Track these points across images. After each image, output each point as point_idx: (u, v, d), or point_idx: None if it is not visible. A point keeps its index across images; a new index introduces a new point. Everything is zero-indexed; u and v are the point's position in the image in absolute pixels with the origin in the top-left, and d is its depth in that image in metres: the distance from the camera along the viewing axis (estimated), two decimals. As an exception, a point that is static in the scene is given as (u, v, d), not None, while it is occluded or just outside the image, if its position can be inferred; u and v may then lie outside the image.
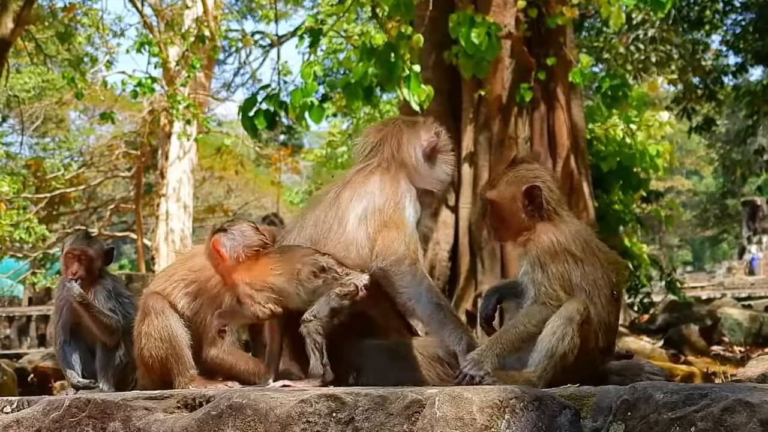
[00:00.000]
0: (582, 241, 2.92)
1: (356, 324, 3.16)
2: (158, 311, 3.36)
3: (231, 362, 3.34)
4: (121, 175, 29.31)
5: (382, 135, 3.43)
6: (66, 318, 3.98)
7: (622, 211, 14.48)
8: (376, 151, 3.40)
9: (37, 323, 22.82)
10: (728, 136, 36.86)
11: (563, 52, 12.49)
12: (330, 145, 24.25)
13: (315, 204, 3.42)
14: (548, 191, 2.98)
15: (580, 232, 2.96)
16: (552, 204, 2.98)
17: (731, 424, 1.97)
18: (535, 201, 2.94)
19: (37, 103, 28.18)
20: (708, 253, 57.19)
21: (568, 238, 2.90)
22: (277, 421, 2.36)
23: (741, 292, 26.16)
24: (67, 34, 19.81)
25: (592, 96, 16.41)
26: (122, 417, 2.63)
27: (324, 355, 3.03)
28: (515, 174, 3.03)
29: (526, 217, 2.95)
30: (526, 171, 3.02)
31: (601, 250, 2.99)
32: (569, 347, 2.74)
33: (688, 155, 49.86)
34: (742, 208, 40.67)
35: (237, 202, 35.00)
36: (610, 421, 2.17)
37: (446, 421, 2.22)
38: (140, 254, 26.75)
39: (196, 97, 21.43)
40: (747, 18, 20.82)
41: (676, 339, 10.98)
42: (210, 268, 3.41)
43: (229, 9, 27.49)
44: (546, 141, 12.72)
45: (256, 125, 9.90)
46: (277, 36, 19.79)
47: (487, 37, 9.35)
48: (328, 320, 3.06)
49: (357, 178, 3.34)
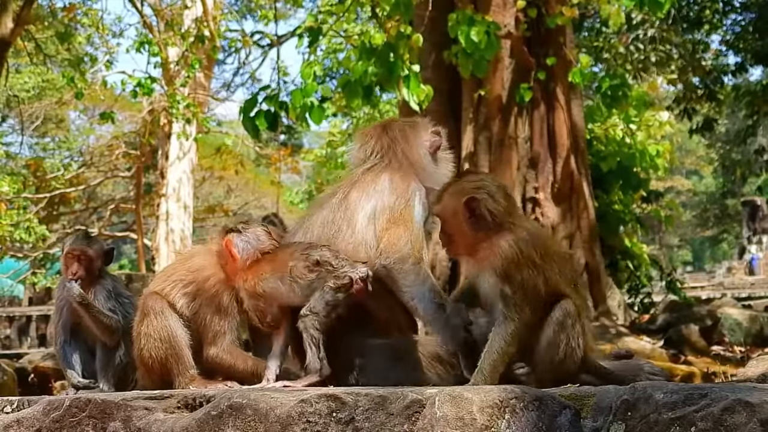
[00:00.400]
0: (541, 246, 2.87)
1: (358, 321, 3.16)
2: (157, 311, 3.36)
3: (231, 362, 3.34)
4: (121, 175, 29.31)
5: (388, 136, 3.44)
6: (66, 318, 3.98)
7: (622, 211, 14.48)
8: (383, 152, 3.41)
9: (38, 323, 22.83)
10: (728, 136, 36.87)
11: (563, 52, 12.50)
12: (330, 145, 24.27)
13: (320, 205, 3.42)
14: (491, 202, 2.88)
15: (537, 237, 2.90)
16: (498, 214, 2.87)
17: (731, 424, 1.97)
18: (475, 213, 2.87)
19: (37, 103, 28.18)
20: (708, 253, 57.21)
21: (528, 245, 2.84)
22: (278, 421, 2.36)
23: (741, 292, 26.17)
24: (67, 34, 19.83)
25: (592, 96, 16.41)
26: (122, 417, 2.63)
27: (321, 350, 3.03)
28: (456, 187, 2.96)
29: (473, 231, 2.88)
30: (467, 183, 2.95)
31: (557, 252, 2.96)
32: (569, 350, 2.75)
33: (688, 155, 49.86)
34: (742, 208, 40.70)
35: (237, 202, 35.01)
36: (610, 421, 2.17)
37: (446, 421, 2.22)
38: (140, 254, 26.75)
39: (195, 97, 21.43)
40: (747, 18, 20.83)
41: (676, 339, 10.97)
42: (209, 268, 3.42)
43: (229, 9, 27.50)
44: (546, 141, 12.73)
45: (257, 126, 9.90)
46: (277, 36, 19.78)
47: (487, 36, 9.35)
48: (324, 315, 3.05)
49: (366, 177, 3.34)
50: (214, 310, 3.36)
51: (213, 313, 3.36)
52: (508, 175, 12.47)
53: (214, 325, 3.36)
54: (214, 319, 3.36)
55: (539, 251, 2.84)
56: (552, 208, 12.60)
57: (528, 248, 2.83)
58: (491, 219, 2.87)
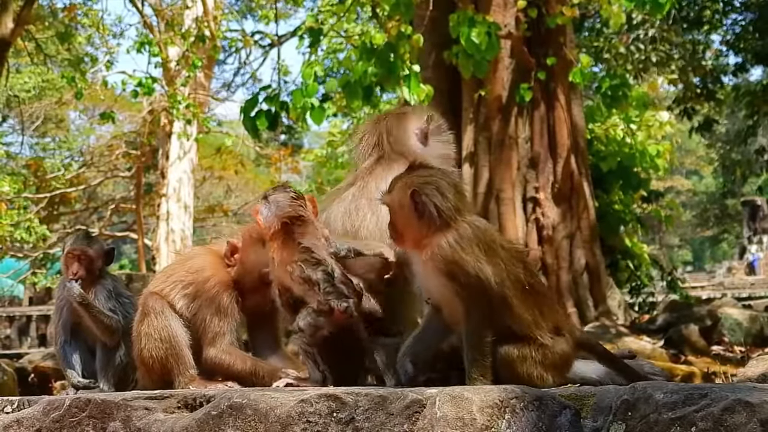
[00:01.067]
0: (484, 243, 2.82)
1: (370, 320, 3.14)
2: (158, 311, 3.36)
3: (230, 362, 3.34)
4: (121, 175, 29.32)
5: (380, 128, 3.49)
6: (66, 318, 3.98)
7: (622, 211, 14.48)
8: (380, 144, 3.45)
9: (38, 323, 22.85)
10: (728, 136, 36.88)
11: (563, 52, 12.50)
12: (330, 145, 24.24)
13: (338, 197, 3.40)
14: (438, 197, 2.84)
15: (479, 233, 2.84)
16: (445, 210, 2.84)
17: (731, 424, 1.97)
18: (418, 207, 2.85)
19: (37, 103, 28.20)
20: (708, 253, 57.23)
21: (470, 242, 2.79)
22: (278, 421, 2.36)
23: (741, 292, 26.17)
24: (67, 34, 19.85)
25: (592, 96, 16.41)
26: (122, 417, 2.63)
27: (319, 364, 3.01)
28: (406, 180, 2.93)
29: (418, 224, 2.86)
30: (417, 177, 2.91)
31: (505, 248, 2.88)
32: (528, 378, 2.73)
33: (688, 155, 49.88)
34: (742, 208, 40.72)
35: (237, 202, 35.00)
36: (611, 421, 2.17)
37: (446, 421, 2.22)
38: (141, 254, 26.77)
39: (196, 97, 21.44)
40: (747, 18, 20.85)
41: (676, 339, 10.97)
42: (209, 269, 3.42)
43: (229, 9, 27.51)
44: (546, 141, 12.73)
45: (258, 126, 9.90)
46: (277, 36, 19.76)
47: (487, 36, 9.36)
48: (309, 335, 3.01)
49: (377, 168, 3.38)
50: (213, 310, 3.36)
51: (213, 313, 3.36)
52: (508, 175, 12.47)
53: (213, 325, 3.35)
54: (214, 320, 3.36)
55: (482, 246, 2.80)
56: (552, 208, 12.60)
57: (469, 244, 2.79)
58: (437, 214, 2.84)
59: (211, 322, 3.35)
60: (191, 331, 3.38)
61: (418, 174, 2.94)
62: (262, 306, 3.50)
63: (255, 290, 3.44)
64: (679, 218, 28.08)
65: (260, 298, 3.46)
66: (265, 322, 3.57)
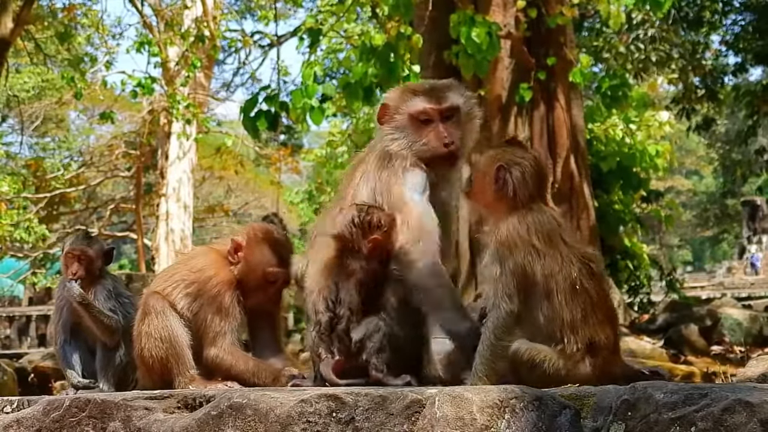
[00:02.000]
0: (544, 233, 2.82)
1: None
2: (158, 311, 3.36)
3: (231, 362, 3.34)
4: (121, 175, 29.30)
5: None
6: (66, 318, 3.98)
7: (622, 211, 14.48)
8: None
9: (37, 323, 22.83)
10: (728, 136, 36.89)
11: (563, 52, 12.49)
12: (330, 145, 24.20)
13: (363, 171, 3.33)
14: (520, 179, 2.90)
15: (543, 222, 2.85)
16: (521, 194, 2.89)
17: (731, 424, 1.97)
18: (499, 182, 2.91)
19: (36, 103, 28.20)
20: (708, 253, 57.21)
21: (528, 229, 2.81)
22: (278, 421, 2.36)
23: (741, 292, 26.19)
24: (67, 34, 19.84)
25: (592, 96, 16.41)
26: (122, 417, 2.63)
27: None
28: (498, 153, 3.00)
29: (494, 197, 2.93)
30: (508, 153, 2.98)
31: (568, 244, 2.85)
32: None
33: (688, 155, 49.87)
34: (742, 208, 40.73)
35: (237, 202, 35.01)
36: (611, 421, 2.17)
37: (446, 421, 2.22)
38: (140, 254, 26.75)
39: (195, 97, 21.44)
40: (747, 18, 20.86)
41: (676, 339, 10.98)
42: (211, 268, 3.42)
43: (229, 9, 27.51)
44: (546, 141, 12.72)
45: (257, 126, 9.90)
46: (277, 36, 19.73)
47: (488, 36, 9.36)
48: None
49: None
50: (215, 310, 3.36)
51: (214, 313, 3.36)
52: (508, 175, 12.46)
53: (214, 325, 3.36)
54: (215, 320, 3.36)
55: (541, 236, 2.80)
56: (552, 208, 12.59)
57: (527, 233, 2.80)
58: (512, 195, 2.89)
59: (213, 321, 3.36)
60: (192, 330, 3.38)
61: (512, 151, 2.99)
62: (264, 305, 3.51)
63: (258, 289, 3.45)
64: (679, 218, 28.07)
65: (263, 296, 3.48)
66: (266, 323, 3.58)
